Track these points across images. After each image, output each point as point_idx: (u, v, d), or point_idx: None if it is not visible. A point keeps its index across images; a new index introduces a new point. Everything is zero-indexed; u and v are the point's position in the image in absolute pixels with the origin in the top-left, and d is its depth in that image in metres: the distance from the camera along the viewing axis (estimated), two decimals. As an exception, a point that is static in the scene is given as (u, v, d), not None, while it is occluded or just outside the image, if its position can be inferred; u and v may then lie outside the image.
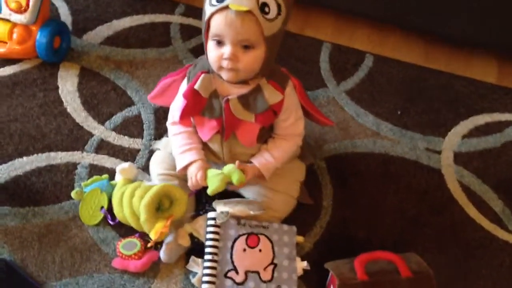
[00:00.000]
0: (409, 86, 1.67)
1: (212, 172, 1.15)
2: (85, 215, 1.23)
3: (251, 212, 1.16)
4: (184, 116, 1.19)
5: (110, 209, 1.23)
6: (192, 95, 1.15)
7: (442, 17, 1.72)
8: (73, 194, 1.23)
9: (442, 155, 1.48)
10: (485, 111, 1.62)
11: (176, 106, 1.22)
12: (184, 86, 1.20)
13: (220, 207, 1.17)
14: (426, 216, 1.34)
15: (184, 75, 1.21)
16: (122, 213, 1.19)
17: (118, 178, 1.26)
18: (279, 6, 1.07)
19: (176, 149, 1.22)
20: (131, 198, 1.18)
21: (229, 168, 1.14)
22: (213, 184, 1.13)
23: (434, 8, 1.71)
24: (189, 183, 1.19)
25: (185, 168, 1.20)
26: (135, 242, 1.17)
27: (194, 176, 1.17)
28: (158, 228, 1.13)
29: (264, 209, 1.19)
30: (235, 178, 1.12)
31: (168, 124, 1.26)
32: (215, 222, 1.15)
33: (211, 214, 1.16)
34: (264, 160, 1.20)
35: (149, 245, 1.16)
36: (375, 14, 1.81)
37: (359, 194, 1.37)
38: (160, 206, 1.17)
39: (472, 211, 1.37)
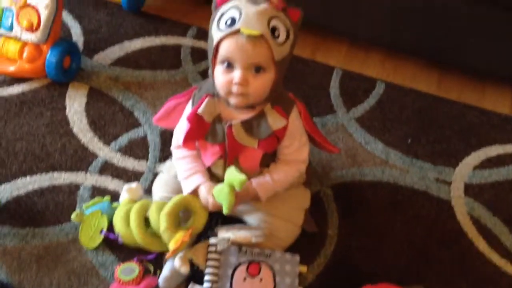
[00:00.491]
0: (421, 115, 1.64)
1: (217, 190, 1.12)
2: (84, 238, 1.21)
3: (253, 239, 1.13)
4: (188, 140, 1.17)
5: (111, 231, 1.21)
6: (196, 119, 1.14)
7: (456, 46, 1.72)
8: (73, 216, 1.22)
9: (452, 186, 1.45)
10: (497, 142, 1.58)
11: (180, 129, 1.20)
12: (188, 109, 1.19)
13: (222, 233, 1.15)
14: (434, 249, 1.30)
15: (189, 98, 1.20)
16: (126, 228, 1.17)
17: (123, 198, 1.25)
18: (287, 30, 1.07)
19: (181, 174, 1.20)
20: (140, 212, 1.16)
21: (228, 175, 1.10)
22: (225, 202, 1.10)
23: (448, 37, 1.70)
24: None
25: (193, 192, 1.18)
26: (134, 267, 1.15)
27: (206, 202, 1.16)
28: (179, 237, 1.10)
29: (267, 237, 1.16)
30: (237, 184, 1.09)
31: (172, 148, 1.25)
32: (215, 249, 1.12)
33: (212, 240, 1.14)
34: (262, 180, 1.18)
35: (167, 256, 1.13)
36: (389, 42, 1.81)
37: (366, 223, 1.34)
38: (180, 220, 1.16)
39: (482, 245, 1.32)
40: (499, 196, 1.44)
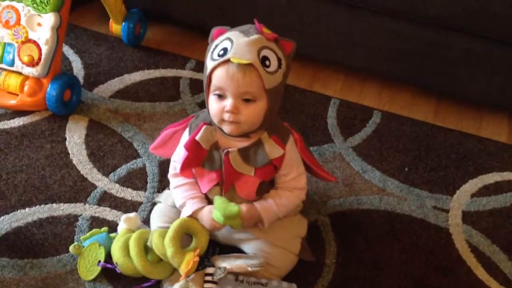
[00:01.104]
0: (418, 143, 1.65)
1: (213, 211, 1.15)
2: (82, 270, 1.21)
3: (249, 269, 1.13)
4: (185, 167, 1.19)
5: (109, 261, 1.21)
6: (193, 146, 1.16)
7: (452, 76, 1.74)
8: (71, 249, 1.22)
9: (450, 213, 1.45)
10: (495, 170, 1.59)
11: (177, 157, 1.22)
12: (185, 137, 1.21)
13: (219, 262, 1.15)
14: (433, 277, 1.30)
15: (185, 126, 1.22)
16: (124, 257, 1.17)
17: (121, 227, 1.25)
18: (279, 60, 1.10)
19: (179, 201, 1.21)
20: (139, 241, 1.17)
21: (221, 208, 1.12)
22: (219, 216, 1.12)
23: (445, 67, 1.73)
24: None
25: (191, 217, 1.18)
26: None
27: (207, 223, 1.17)
28: (189, 258, 1.11)
29: (264, 266, 1.16)
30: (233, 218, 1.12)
31: (169, 176, 1.26)
32: (212, 278, 1.12)
33: (208, 270, 1.14)
34: (266, 204, 1.18)
35: (180, 279, 1.13)
36: (386, 72, 1.83)
37: (364, 252, 1.33)
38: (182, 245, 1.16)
39: (481, 273, 1.32)
40: (497, 223, 1.44)
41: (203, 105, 1.65)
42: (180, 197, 1.22)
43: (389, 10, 1.67)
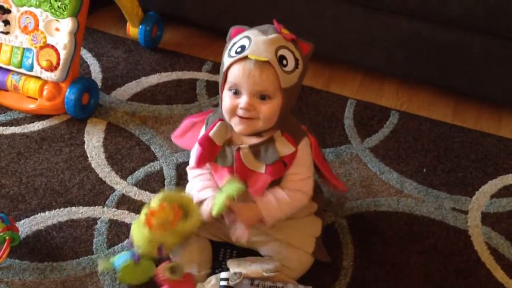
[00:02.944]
0: (436, 144, 1.64)
1: (216, 197, 1.13)
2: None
3: (265, 274, 1.13)
4: (199, 162, 1.20)
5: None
6: (207, 143, 1.17)
7: (471, 75, 1.72)
8: (100, 266, 1.19)
9: (469, 215, 1.43)
10: (515, 170, 1.57)
11: (194, 151, 1.23)
12: (202, 131, 1.22)
13: (234, 267, 1.15)
14: (452, 280, 1.28)
15: (204, 119, 1.24)
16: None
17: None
18: (296, 60, 1.10)
19: (195, 189, 1.22)
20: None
21: (226, 185, 1.12)
22: (216, 205, 1.11)
23: (463, 67, 1.72)
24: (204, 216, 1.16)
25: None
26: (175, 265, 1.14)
27: (206, 206, 1.16)
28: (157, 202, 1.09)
29: (279, 270, 1.16)
30: (233, 190, 1.10)
31: (188, 168, 1.27)
32: (227, 283, 1.12)
33: (223, 275, 1.14)
34: (265, 199, 1.17)
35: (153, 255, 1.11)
36: (404, 72, 1.82)
37: (381, 255, 1.32)
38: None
39: (500, 275, 1.30)
40: (518, 225, 1.42)
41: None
42: (197, 186, 1.22)
43: (407, 10, 1.66)
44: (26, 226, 1.32)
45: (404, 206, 1.44)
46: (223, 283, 1.13)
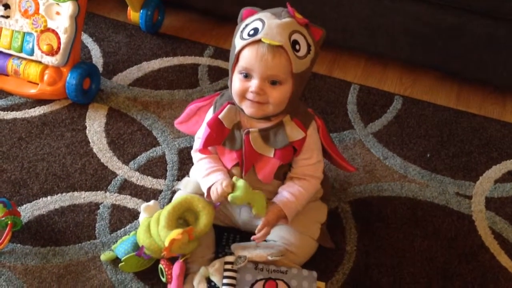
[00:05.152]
0: (440, 129, 1.63)
1: (240, 183, 1.10)
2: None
3: (269, 258, 1.13)
4: (207, 145, 1.18)
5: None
6: (216, 125, 1.16)
7: (475, 60, 1.71)
8: (102, 257, 1.22)
9: (473, 200, 1.43)
10: (519, 155, 1.56)
11: (201, 134, 1.22)
12: (210, 114, 1.21)
13: (238, 251, 1.15)
14: (455, 264, 1.28)
15: (210, 103, 1.23)
16: (149, 239, 1.15)
17: (142, 217, 1.25)
18: (309, 46, 1.09)
19: (202, 172, 1.19)
20: (157, 220, 1.16)
21: (254, 194, 1.11)
22: (240, 194, 1.09)
23: (467, 52, 1.70)
24: (212, 196, 1.14)
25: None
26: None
27: (219, 185, 1.12)
28: (173, 235, 1.09)
29: (283, 254, 1.16)
30: (257, 206, 1.10)
31: (193, 151, 1.25)
32: (232, 267, 1.12)
33: (228, 258, 1.14)
34: (285, 200, 1.17)
35: (161, 254, 1.13)
36: (407, 57, 1.80)
37: (385, 239, 1.32)
38: (186, 222, 1.16)
39: (504, 259, 1.30)
40: (522, 209, 1.42)
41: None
42: (203, 168, 1.19)
43: (410, -7, 1.64)
44: (28, 211, 1.32)
45: (408, 191, 1.43)
46: (227, 266, 1.12)
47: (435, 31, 1.69)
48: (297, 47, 1.07)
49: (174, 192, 1.34)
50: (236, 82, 1.11)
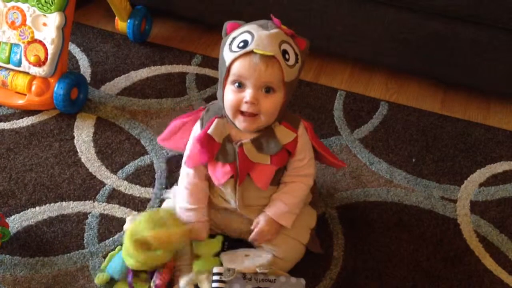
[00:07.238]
0: (425, 134, 1.65)
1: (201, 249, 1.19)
2: None
3: (258, 270, 1.14)
4: (198, 161, 1.19)
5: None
6: (207, 140, 1.17)
7: (459, 66, 1.73)
8: (96, 280, 1.20)
9: (458, 204, 1.45)
10: (502, 159, 1.58)
11: (189, 151, 1.22)
12: (196, 130, 1.22)
13: (227, 262, 1.16)
14: (441, 268, 1.30)
15: (194, 118, 1.24)
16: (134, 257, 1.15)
17: (127, 227, 1.26)
18: (296, 55, 1.12)
19: (183, 204, 1.23)
20: (131, 236, 1.15)
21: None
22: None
23: (452, 57, 1.72)
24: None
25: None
26: None
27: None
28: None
29: (272, 264, 1.17)
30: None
31: (183, 162, 1.25)
32: (220, 278, 1.12)
33: (216, 269, 1.14)
34: (277, 210, 1.20)
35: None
36: (393, 63, 1.82)
37: (371, 244, 1.34)
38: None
39: (489, 263, 1.32)
40: (506, 212, 1.43)
41: (209, 100, 1.66)
42: (185, 200, 1.22)
43: (393, 0, 1.66)
44: (16, 222, 1.32)
45: (394, 196, 1.45)
46: (215, 277, 1.12)
47: (419, 38, 1.71)
48: (286, 56, 1.09)
49: (162, 201, 1.36)
50: (229, 94, 1.12)
